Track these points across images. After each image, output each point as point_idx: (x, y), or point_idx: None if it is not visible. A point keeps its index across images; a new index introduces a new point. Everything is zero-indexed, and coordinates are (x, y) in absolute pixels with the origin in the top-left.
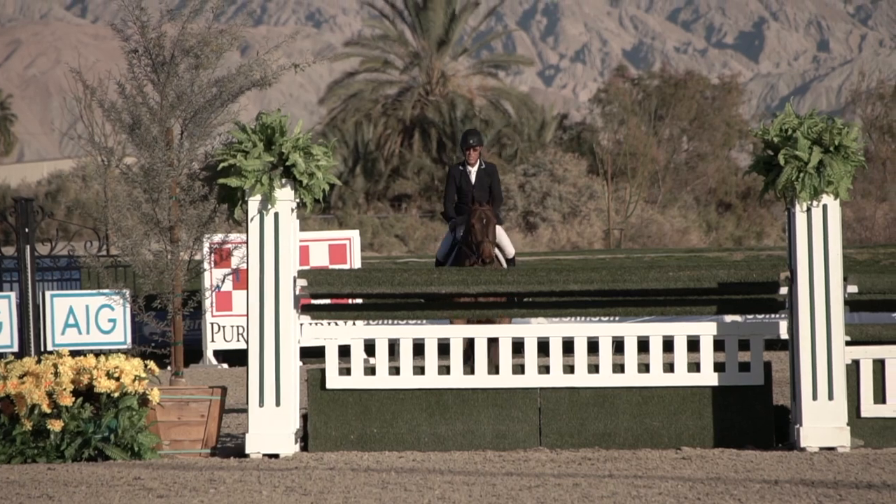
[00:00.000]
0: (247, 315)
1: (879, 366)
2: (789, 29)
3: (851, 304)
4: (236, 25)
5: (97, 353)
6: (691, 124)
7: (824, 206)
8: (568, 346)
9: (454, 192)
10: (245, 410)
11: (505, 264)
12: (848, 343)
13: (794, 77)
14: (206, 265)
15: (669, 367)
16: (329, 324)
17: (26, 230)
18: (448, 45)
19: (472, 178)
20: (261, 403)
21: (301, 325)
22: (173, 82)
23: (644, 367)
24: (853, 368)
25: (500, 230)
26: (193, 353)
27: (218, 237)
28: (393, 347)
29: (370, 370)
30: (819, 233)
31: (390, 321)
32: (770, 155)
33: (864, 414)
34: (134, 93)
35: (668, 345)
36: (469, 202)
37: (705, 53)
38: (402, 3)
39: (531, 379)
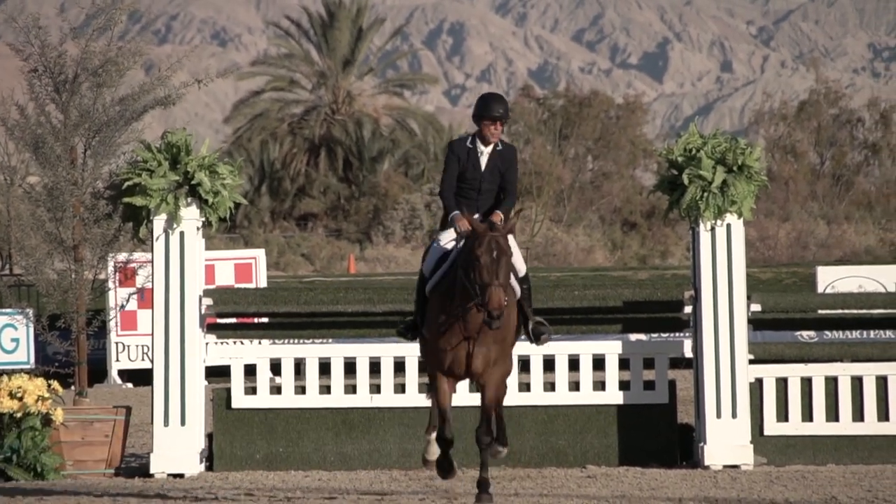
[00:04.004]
0: (152, 334)
1: (782, 384)
2: (693, 50)
3: (755, 323)
4: (138, 43)
5: (0, 373)
6: (596, 144)
7: (728, 226)
8: None
9: (454, 175)
10: (150, 430)
11: (518, 290)
12: (751, 362)
13: (697, 97)
14: (110, 284)
15: (575, 386)
16: (235, 343)
17: None
18: (354, 64)
19: (483, 161)
20: (166, 423)
21: (206, 344)
22: (76, 101)
23: (550, 386)
24: (756, 387)
25: (511, 242)
26: (98, 372)
27: (123, 256)
28: (299, 366)
29: (276, 389)
30: (723, 252)
31: (296, 340)
32: (674, 174)
33: (767, 432)
34: (36, 112)
35: (574, 363)
36: (475, 194)
37: (610, 73)
38: (308, 22)
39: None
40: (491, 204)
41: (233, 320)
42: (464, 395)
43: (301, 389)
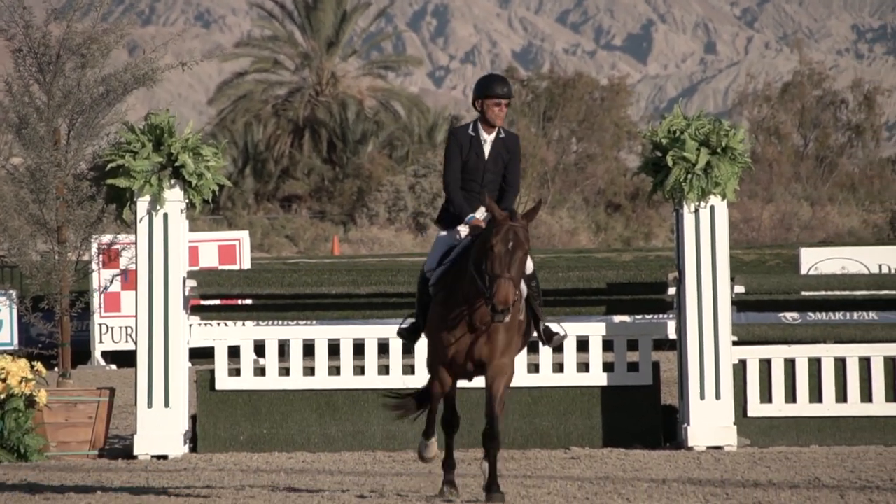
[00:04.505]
0: (135, 316)
1: (766, 366)
2: (677, 31)
3: (738, 305)
4: (123, 24)
5: None
6: (580, 125)
7: (712, 207)
8: None
9: (458, 165)
10: (133, 412)
11: (525, 289)
12: (735, 343)
13: (681, 79)
14: (94, 266)
15: (559, 368)
16: (219, 324)
17: None
18: (338, 45)
19: (487, 149)
20: (149, 405)
21: (190, 325)
22: (60, 81)
23: (534, 368)
24: (740, 368)
25: None
26: (81, 354)
27: (106, 238)
28: (283, 348)
29: (260, 371)
30: (707, 233)
31: (280, 322)
32: (658, 156)
33: (750, 413)
34: (20, 92)
35: (558, 345)
36: (478, 186)
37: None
38: (292, 3)
39: (421, 380)
40: (494, 195)
41: (216, 302)
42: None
43: (285, 371)
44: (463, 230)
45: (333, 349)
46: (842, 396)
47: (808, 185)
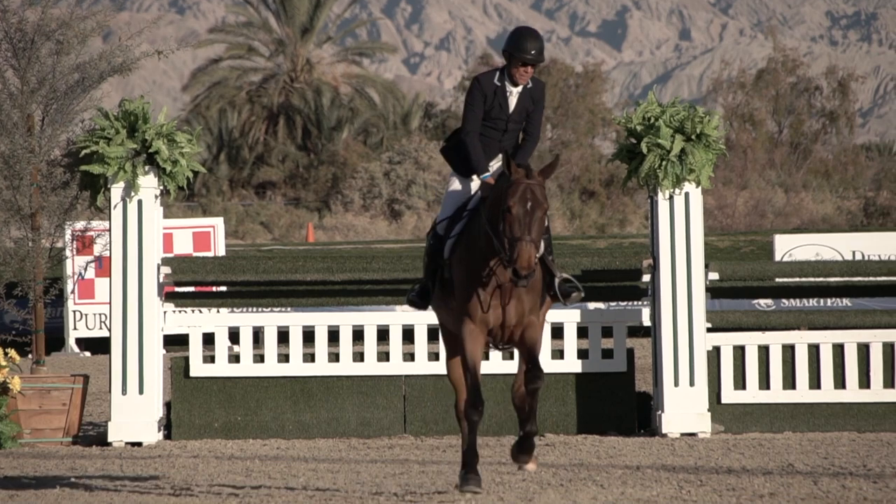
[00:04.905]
0: (110, 303)
1: (740, 352)
2: (651, 18)
3: (713, 291)
4: (100, 11)
5: None
6: (555, 112)
7: (686, 194)
8: (433, 334)
9: (480, 113)
10: (108, 399)
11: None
12: (709, 330)
13: (656, 65)
14: (68, 253)
15: None
16: (193, 311)
17: None
18: (312, 32)
19: (513, 102)
20: (124, 391)
21: (165, 312)
22: (35, 67)
23: (508, 355)
24: (714, 355)
25: None
26: (55, 341)
27: (80, 224)
28: (257, 335)
29: (234, 358)
30: (681, 220)
31: (255, 309)
32: (633, 143)
33: (724, 400)
34: None
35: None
36: (499, 135)
37: (569, 42)
38: None
39: (396, 367)
40: (514, 143)
41: (191, 289)
42: (422, 364)
43: (260, 358)
44: (475, 185)
45: (308, 336)
46: (815, 383)
47: (782, 171)
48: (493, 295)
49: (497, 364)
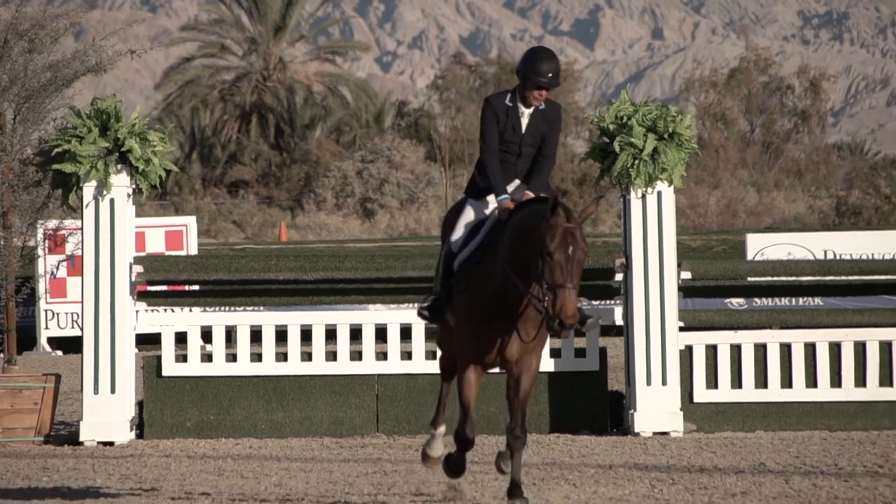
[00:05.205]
0: (82, 302)
1: (712, 351)
2: (624, 17)
3: (685, 290)
4: (73, 10)
5: None
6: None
7: (659, 193)
8: (406, 333)
9: (496, 133)
10: (80, 398)
11: None
12: (681, 329)
13: (628, 65)
14: (40, 251)
15: None
16: (165, 310)
17: None
18: (285, 30)
19: (524, 122)
20: (96, 391)
21: (137, 311)
22: (7, 66)
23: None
24: (686, 354)
25: None
26: (27, 340)
27: (52, 223)
28: (230, 334)
29: (207, 357)
30: (653, 219)
31: (227, 308)
32: (605, 142)
33: (696, 399)
34: None
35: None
36: (514, 158)
37: (542, 40)
38: None
39: (369, 366)
40: (529, 167)
41: (163, 288)
42: (395, 363)
43: (232, 357)
44: (492, 204)
45: (281, 335)
46: (787, 382)
47: (754, 170)
48: (497, 330)
49: None
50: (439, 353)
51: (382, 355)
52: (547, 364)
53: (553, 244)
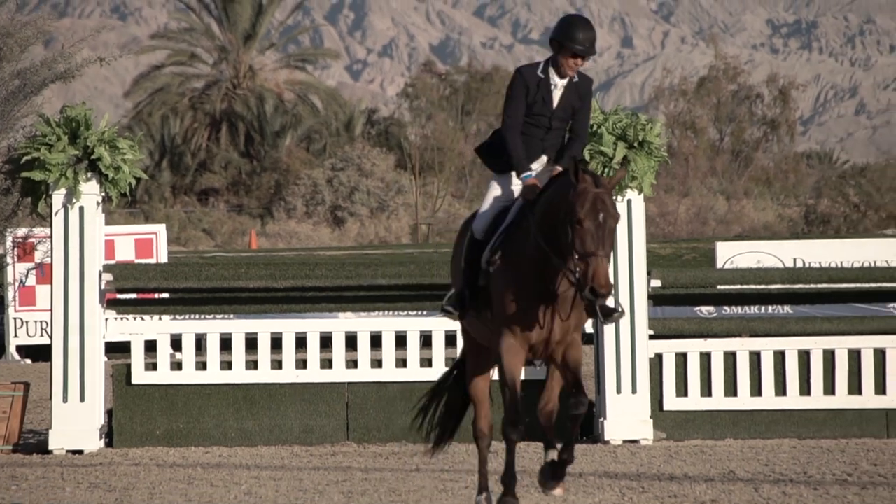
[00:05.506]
0: (51, 310)
1: (682, 359)
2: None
3: (655, 299)
4: (41, 18)
5: None
6: (498, 119)
7: (629, 201)
8: (376, 341)
9: (522, 107)
10: (49, 406)
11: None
12: (651, 337)
13: (598, 73)
14: (9, 259)
15: None
16: (135, 319)
17: None
18: (255, 38)
19: (557, 95)
20: (65, 399)
21: (106, 319)
22: None
23: (452, 362)
24: (656, 362)
25: None
26: None
27: (21, 231)
28: (200, 342)
29: (177, 365)
30: (623, 227)
31: (197, 316)
32: None
33: (666, 407)
34: None
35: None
36: (542, 132)
37: (512, 49)
38: None
39: (339, 374)
40: (558, 145)
41: (133, 296)
42: (365, 371)
43: (202, 365)
44: (517, 187)
45: (251, 343)
46: (756, 390)
47: (723, 179)
48: (537, 310)
49: (441, 371)
50: (469, 382)
51: (353, 363)
52: None
53: (583, 211)
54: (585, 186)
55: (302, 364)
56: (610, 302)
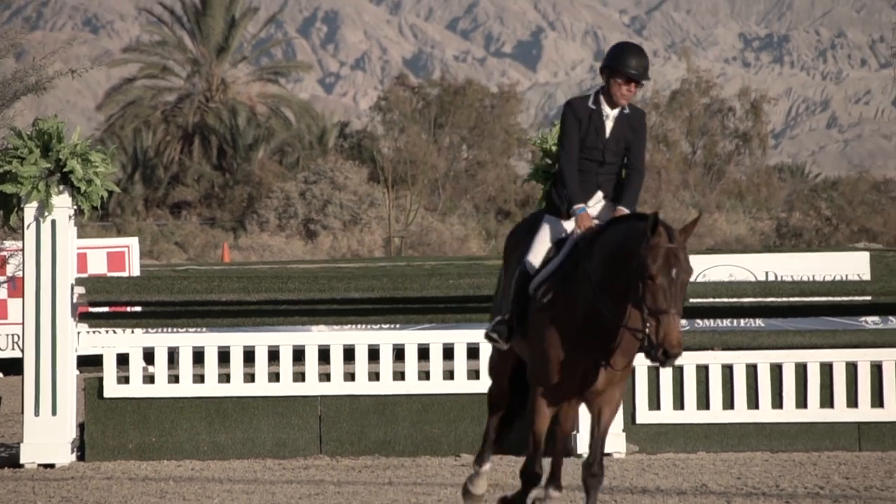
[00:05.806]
0: (23, 323)
1: (654, 372)
2: (566, 38)
3: None
4: (13, 30)
5: None
6: (471, 132)
7: None
8: (349, 354)
9: (577, 139)
10: (20, 420)
11: None
12: None
13: (571, 86)
14: None
15: (449, 375)
16: (107, 332)
17: None
18: (228, 51)
19: (609, 126)
20: (36, 413)
21: (79, 333)
22: None
23: (424, 375)
24: (629, 375)
25: None
26: None
27: None
28: (172, 355)
29: (149, 379)
30: None
31: (170, 329)
32: (548, 163)
33: (639, 420)
34: None
35: (449, 352)
36: (595, 167)
37: (484, 62)
38: (181, 8)
39: (312, 387)
40: (613, 181)
41: (105, 309)
42: (338, 384)
43: (174, 378)
44: (569, 224)
45: (223, 356)
46: (729, 403)
47: (696, 192)
48: (579, 359)
49: (413, 385)
50: (489, 382)
51: (325, 376)
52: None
53: (655, 267)
54: (659, 241)
55: (275, 377)
56: None
